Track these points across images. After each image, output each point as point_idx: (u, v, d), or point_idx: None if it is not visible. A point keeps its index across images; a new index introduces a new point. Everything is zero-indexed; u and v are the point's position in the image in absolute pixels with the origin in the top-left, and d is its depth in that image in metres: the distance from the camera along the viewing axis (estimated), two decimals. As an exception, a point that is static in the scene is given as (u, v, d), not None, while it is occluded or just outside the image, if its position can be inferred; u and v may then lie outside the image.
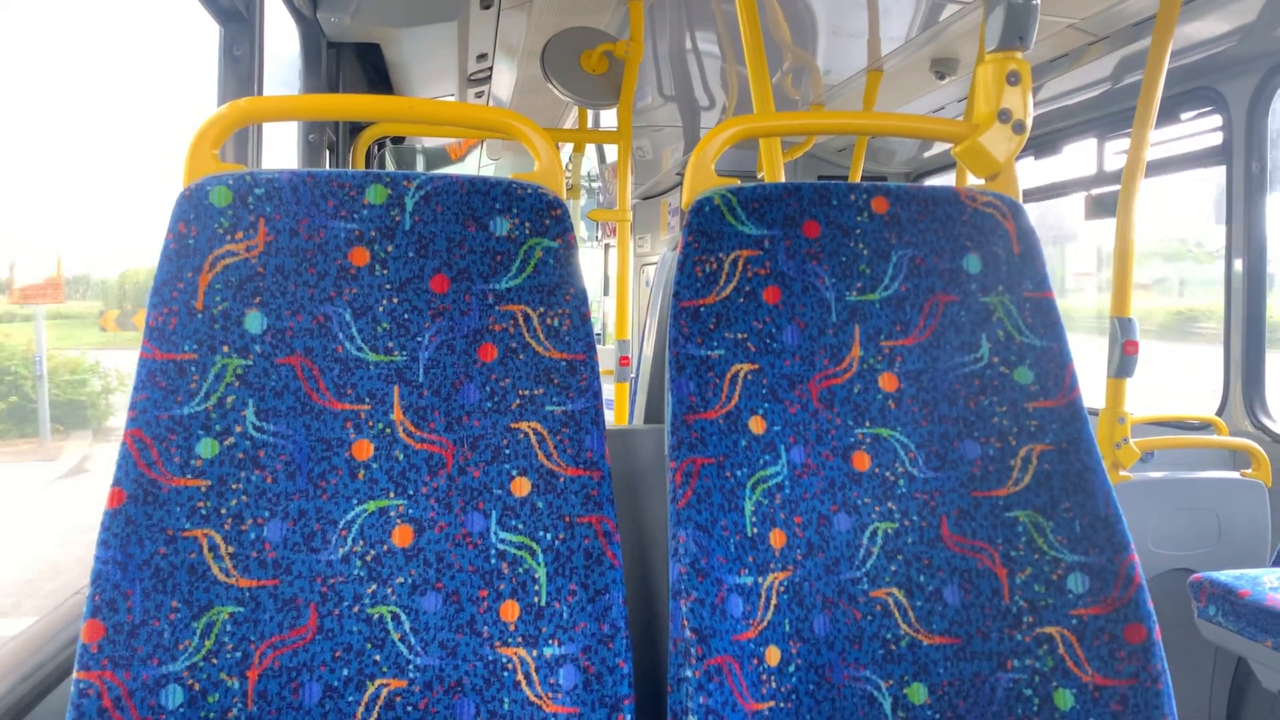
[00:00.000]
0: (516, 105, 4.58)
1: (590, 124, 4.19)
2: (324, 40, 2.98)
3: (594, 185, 8.01)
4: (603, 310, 8.64)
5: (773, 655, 1.19)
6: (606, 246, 8.78)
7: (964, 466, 1.29)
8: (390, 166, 5.17)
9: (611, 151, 6.05)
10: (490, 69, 3.97)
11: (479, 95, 4.34)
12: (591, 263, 9.11)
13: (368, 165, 3.44)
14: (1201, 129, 3.22)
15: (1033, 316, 1.32)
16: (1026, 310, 1.32)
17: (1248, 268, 3.03)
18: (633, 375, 3.52)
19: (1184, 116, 3.27)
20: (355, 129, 3.27)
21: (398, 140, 4.99)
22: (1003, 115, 1.38)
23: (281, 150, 2.92)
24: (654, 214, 7.18)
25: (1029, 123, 1.39)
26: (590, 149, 6.15)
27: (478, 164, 6.46)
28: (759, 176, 3.00)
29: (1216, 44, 2.84)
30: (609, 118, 4.85)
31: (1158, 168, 3.30)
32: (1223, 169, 3.09)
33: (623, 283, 3.53)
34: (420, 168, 5.94)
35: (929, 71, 3.46)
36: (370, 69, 3.52)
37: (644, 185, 6.80)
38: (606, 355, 3.87)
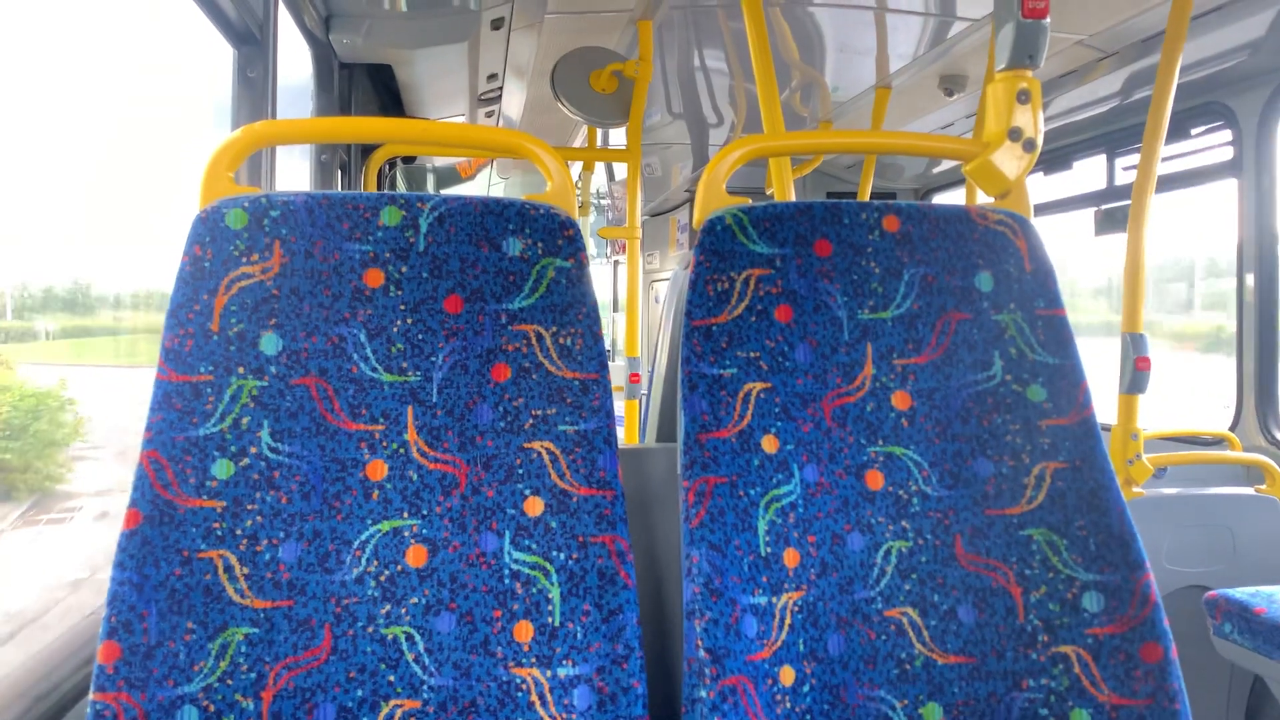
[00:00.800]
0: (526, 124, 4.61)
1: (599, 142, 4.21)
2: (336, 61, 3.00)
3: (603, 202, 8.04)
4: (613, 326, 8.65)
5: (787, 675, 1.19)
6: (616, 263, 8.79)
7: (977, 485, 1.29)
8: (401, 185, 5.20)
9: (620, 169, 6.08)
10: (500, 89, 3.99)
11: (489, 115, 4.37)
12: (601, 279, 9.12)
13: (379, 184, 3.46)
14: (1211, 144, 3.22)
15: (1045, 334, 1.32)
16: (1039, 328, 1.33)
17: (1259, 282, 3.03)
18: (643, 393, 3.52)
19: (1194, 131, 3.27)
20: (367, 149, 3.29)
21: (409, 160, 5.02)
22: (1013, 134, 1.38)
23: (291, 161, 2.94)
24: (663, 230, 7.20)
25: (1040, 141, 1.39)
26: (599, 166, 6.18)
27: (488, 182, 6.49)
28: (768, 193, 3.00)
29: (1226, 59, 2.85)
30: (618, 135, 4.87)
31: (1167, 183, 3.30)
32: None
33: (632, 299, 3.53)
34: (431, 186, 5.96)
35: (937, 88, 3.47)
36: (382, 89, 3.54)
37: (653, 202, 6.82)
38: (616, 372, 3.87)
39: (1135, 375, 2.45)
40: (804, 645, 1.21)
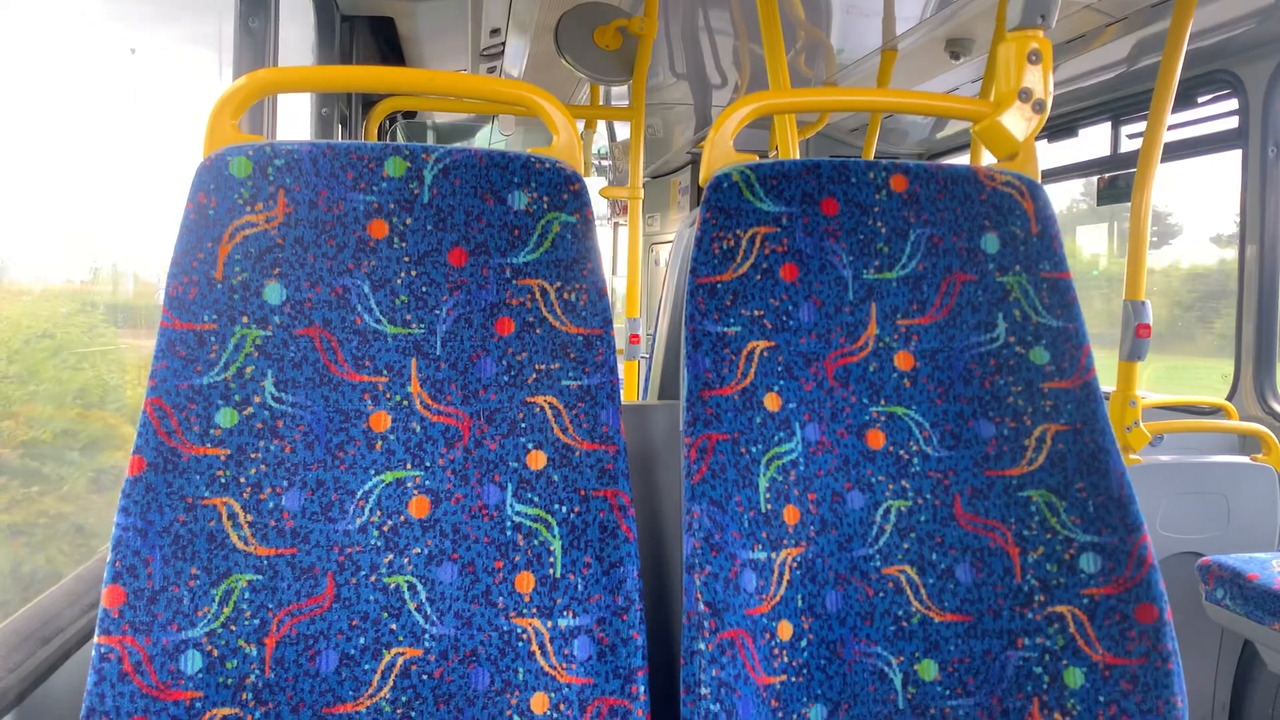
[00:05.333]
0: (528, 81, 4.56)
1: (601, 101, 4.17)
2: (338, 13, 2.97)
3: (604, 163, 7.99)
4: (612, 289, 8.61)
5: (785, 630, 1.20)
6: (616, 225, 8.75)
7: (978, 446, 1.30)
8: (401, 141, 5.16)
9: (621, 129, 6.03)
10: (503, 44, 3.95)
11: (491, 70, 4.33)
12: (602, 241, 9.05)
13: (380, 140, 3.43)
14: (1216, 112, 3.20)
15: (1049, 297, 1.32)
16: (1043, 290, 1.32)
17: (1261, 252, 3.02)
18: (645, 354, 3.52)
19: (1200, 100, 3.25)
20: (368, 103, 3.26)
21: (409, 115, 4.97)
22: (1023, 94, 1.37)
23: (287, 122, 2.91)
24: (664, 193, 7.16)
25: (1049, 102, 1.38)
26: (600, 128, 6.13)
27: (488, 139, 6.44)
28: (771, 155, 2.99)
29: (1234, 26, 2.82)
30: (619, 95, 4.82)
31: (1171, 151, 3.29)
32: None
33: (633, 259, 3.52)
34: (431, 143, 5.90)
35: (943, 52, 3.43)
36: (383, 43, 3.50)
37: (654, 164, 6.77)
38: (616, 333, 3.86)
39: (1135, 342, 2.46)
40: (802, 601, 1.22)
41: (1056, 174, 4.03)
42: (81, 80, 1.74)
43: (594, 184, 8.40)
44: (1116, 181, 3.59)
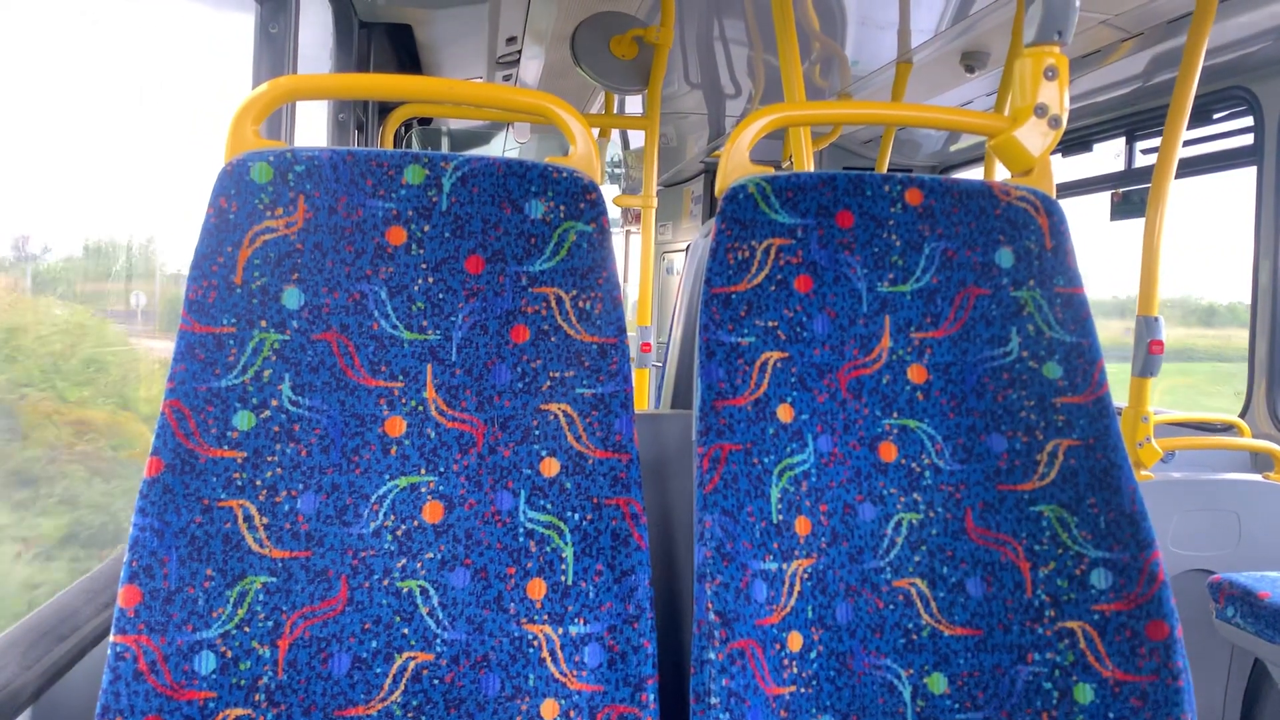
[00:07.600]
0: (543, 88, 4.58)
1: (616, 109, 4.18)
2: (356, 20, 2.99)
3: (617, 172, 8.00)
4: (625, 296, 8.57)
5: (795, 641, 1.21)
6: (628, 233, 8.76)
7: (990, 460, 1.30)
8: (417, 147, 5.18)
9: (635, 137, 6.05)
10: (519, 52, 3.97)
11: (507, 78, 4.35)
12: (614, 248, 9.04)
13: (396, 146, 3.45)
14: (1231, 129, 3.20)
15: (1063, 312, 1.33)
16: (1057, 305, 1.33)
17: (1275, 269, 3.01)
18: (658, 362, 3.52)
19: (1215, 116, 3.24)
20: (385, 109, 3.27)
21: (425, 121, 4.99)
22: (1039, 110, 1.38)
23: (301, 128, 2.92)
24: (676, 202, 7.17)
25: (1065, 118, 1.39)
26: (614, 136, 6.15)
27: (503, 147, 6.46)
28: (784, 166, 2.99)
29: (1250, 44, 2.82)
30: (633, 104, 4.84)
31: (1185, 167, 3.28)
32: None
33: (646, 269, 3.53)
34: (446, 150, 5.93)
35: (958, 65, 3.44)
36: (401, 50, 3.52)
37: (667, 173, 6.79)
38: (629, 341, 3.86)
39: (1148, 359, 2.45)
40: (812, 612, 1.22)
41: (1071, 189, 4.03)
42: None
43: (607, 192, 8.40)
44: (1130, 196, 3.59)
